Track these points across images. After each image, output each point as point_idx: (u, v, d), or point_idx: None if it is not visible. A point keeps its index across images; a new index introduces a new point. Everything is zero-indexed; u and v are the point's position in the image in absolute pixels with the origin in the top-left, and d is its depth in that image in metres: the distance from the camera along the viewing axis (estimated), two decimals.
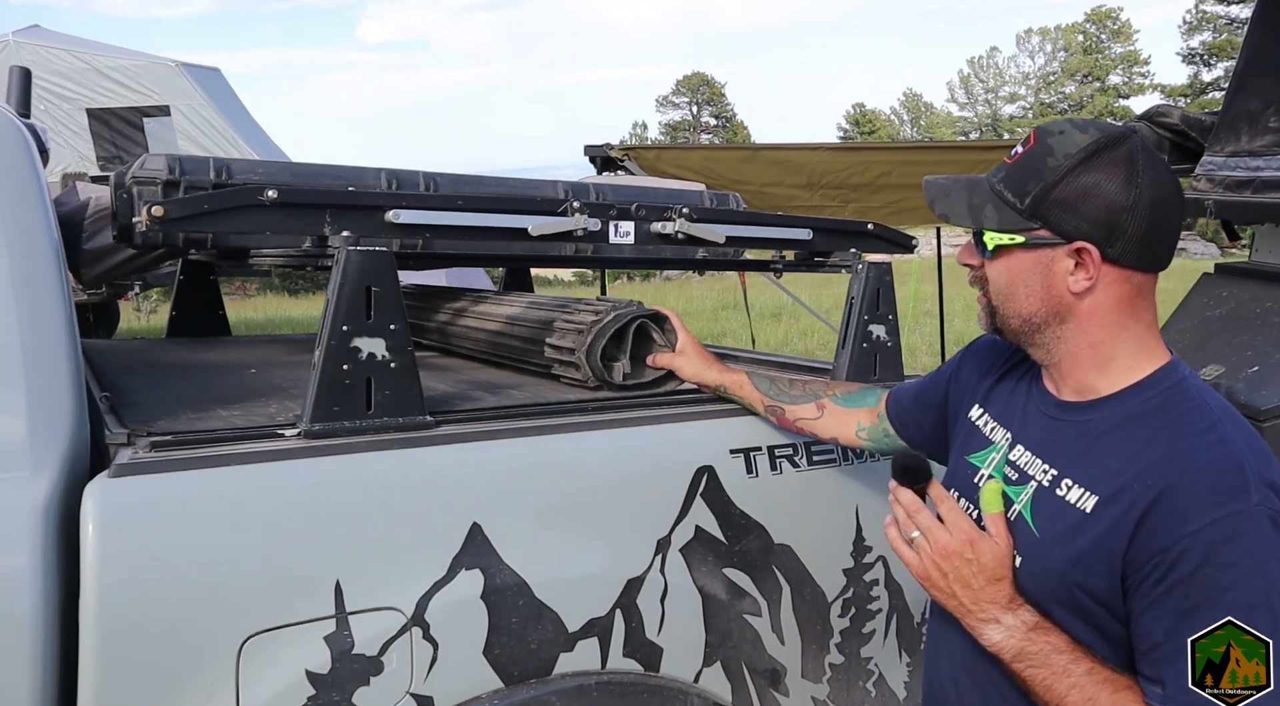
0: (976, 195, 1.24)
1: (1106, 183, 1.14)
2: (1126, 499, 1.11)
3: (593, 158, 4.52)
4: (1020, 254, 1.20)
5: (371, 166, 1.95)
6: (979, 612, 1.20)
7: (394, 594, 1.36)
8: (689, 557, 1.63)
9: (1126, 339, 1.19)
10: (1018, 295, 1.22)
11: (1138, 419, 1.16)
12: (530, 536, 1.49)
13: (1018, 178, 1.20)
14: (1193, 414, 1.13)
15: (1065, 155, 1.16)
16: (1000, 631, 1.18)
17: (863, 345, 1.96)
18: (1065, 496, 1.18)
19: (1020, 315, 1.23)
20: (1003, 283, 1.23)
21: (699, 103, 57.46)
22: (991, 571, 1.20)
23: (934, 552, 1.22)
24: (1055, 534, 1.18)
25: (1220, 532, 1.04)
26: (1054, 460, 1.22)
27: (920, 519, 1.24)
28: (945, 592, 1.23)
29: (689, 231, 1.81)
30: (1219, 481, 1.07)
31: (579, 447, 1.58)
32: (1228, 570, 1.04)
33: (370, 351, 1.44)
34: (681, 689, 1.61)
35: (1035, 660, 1.15)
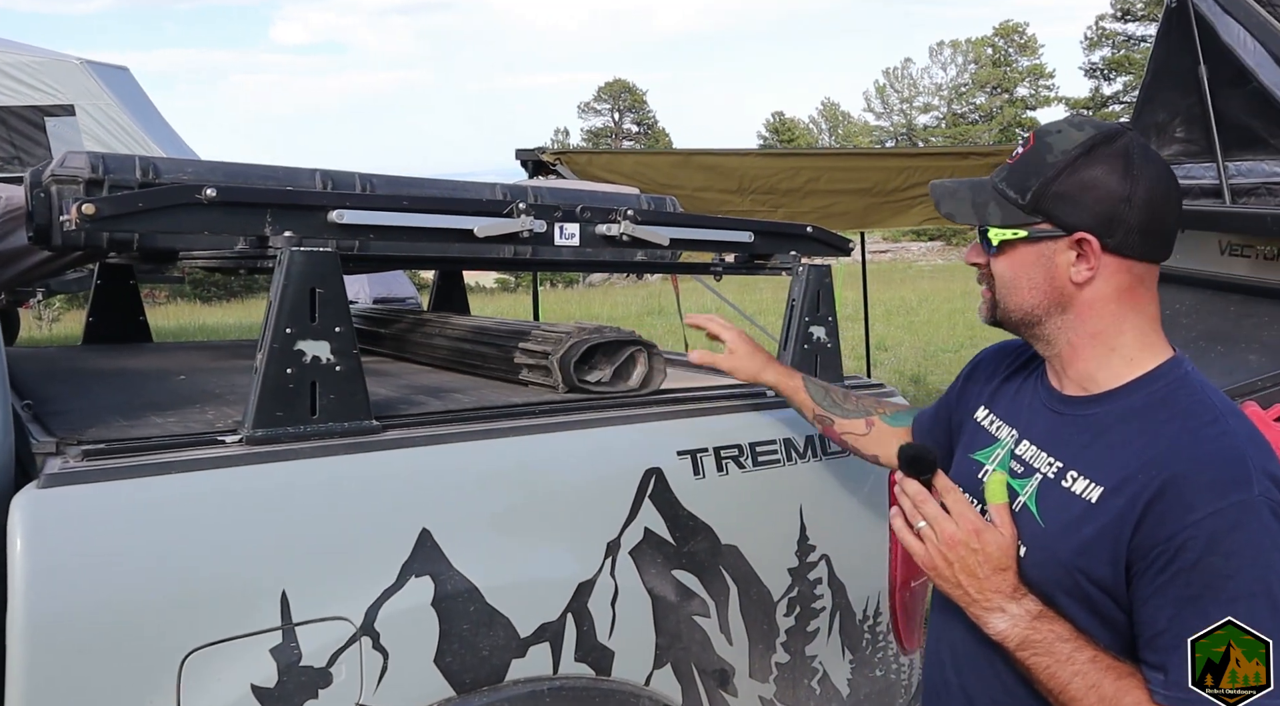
0: (980, 194, 1.28)
1: (1104, 176, 1.18)
2: (1131, 489, 1.13)
3: (524, 162, 4.50)
4: (1023, 248, 1.24)
5: (305, 167, 1.90)
6: (984, 602, 1.21)
7: (342, 603, 1.33)
8: (638, 560, 1.62)
9: (1127, 330, 1.22)
10: (1021, 288, 1.25)
11: (1142, 412, 1.19)
12: (480, 541, 1.47)
13: (1019, 176, 1.24)
14: (1196, 407, 1.16)
15: (1063, 151, 1.20)
16: (1005, 620, 1.19)
17: (804, 347, 1.99)
18: (1070, 488, 1.21)
19: (1022, 307, 1.26)
20: (1007, 276, 1.26)
21: (621, 109, 57.64)
22: (997, 561, 1.21)
23: (940, 542, 1.23)
24: (1060, 524, 1.20)
25: (1223, 522, 1.07)
26: (1059, 453, 1.25)
27: (926, 509, 1.25)
28: (950, 582, 1.23)
29: (634, 233, 1.80)
30: (1221, 472, 1.09)
31: (528, 451, 1.56)
32: (1230, 559, 1.06)
33: (315, 354, 1.40)
34: (633, 692, 1.60)
35: (1039, 648, 1.17)
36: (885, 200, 4.97)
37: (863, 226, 5.18)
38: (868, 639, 2.06)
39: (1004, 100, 55.15)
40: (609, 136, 56.61)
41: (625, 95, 57.55)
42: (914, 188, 4.96)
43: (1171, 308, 3.66)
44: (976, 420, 1.43)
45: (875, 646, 2.08)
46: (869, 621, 2.05)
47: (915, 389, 9.96)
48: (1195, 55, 3.42)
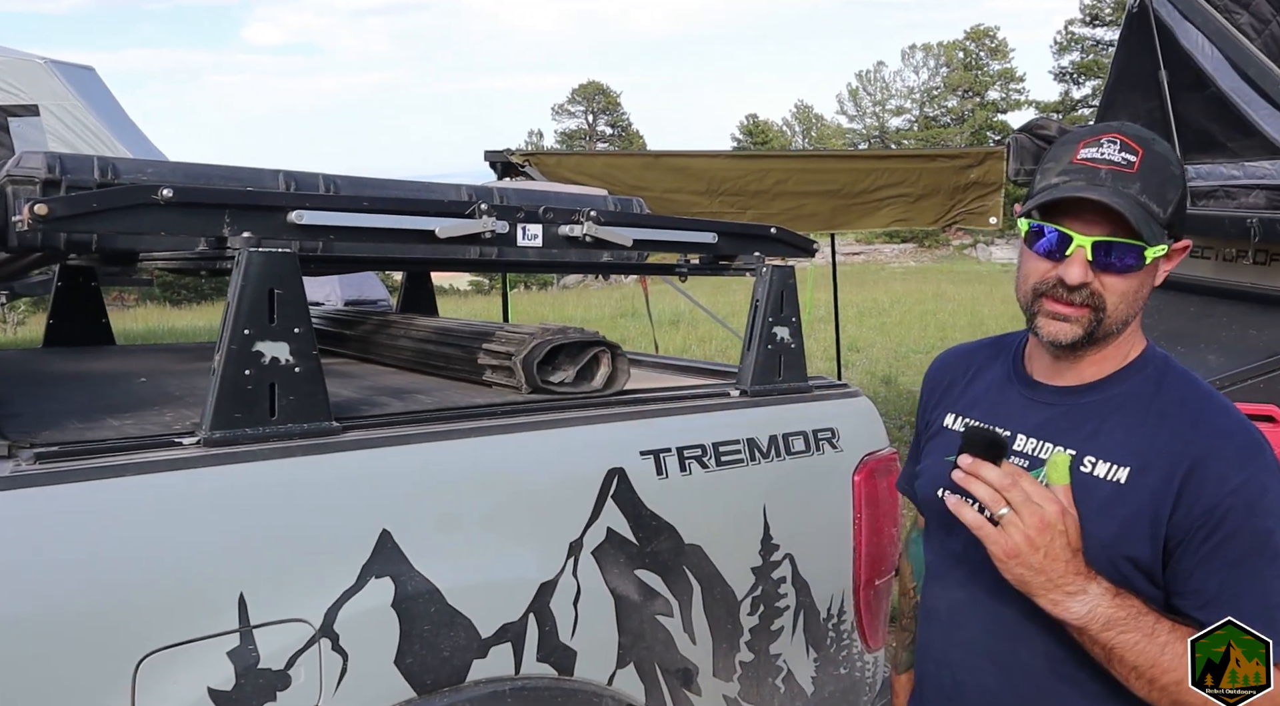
0: (1136, 210, 1.19)
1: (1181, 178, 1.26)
2: (1161, 467, 1.18)
3: (493, 163, 4.49)
4: (1153, 263, 1.22)
5: (269, 168, 1.89)
6: (1067, 585, 1.16)
7: (301, 605, 1.32)
8: (601, 560, 1.63)
9: (1135, 323, 1.28)
10: (1138, 300, 1.23)
11: (1142, 396, 1.25)
12: (441, 542, 1.47)
13: (1155, 188, 1.20)
14: (1192, 387, 1.25)
15: (1178, 163, 1.24)
16: (1087, 602, 1.16)
17: (768, 347, 2.00)
18: (1092, 472, 1.22)
19: (1127, 319, 1.24)
20: (1131, 292, 1.22)
21: (594, 111, 57.61)
22: (1075, 542, 1.18)
23: (1028, 527, 1.16)
24: (1091, 509, 1.20)
25: (1255, 487, 1.15)
26: (1066, 441, 1.26)
27: (1014, 494, 1.17)
28: (1034, 568, 1.17)
29: (597, 234, 1.81)
30: (1242, 442, 1.18)
31: (490, 451, 1.56)
32: (1267, 517, 1.15)
33: (274, 355, 1.40)
34: (595, 691, 1.60)
35: (1126, 624, 1.15)
36: (853, 202, 5.00)
37: (831, 228, 5.21)
38: (832, 637, 2.07)
39: (975, 103, 55.66)
40: (583, 138, 56.57)
41: (599, 97, 57.54)
42: (882, 190, 5.00)
43: None
44: (947, 426, 1.43)
45: (839, 644, 2.09)
46: (833, 620, 2.07)
47: (886, 390, 10.03)
48: (1155, 60, 3.47)
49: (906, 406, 8.95)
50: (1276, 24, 3.02)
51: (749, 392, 1.97)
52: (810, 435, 2.00)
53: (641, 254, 2.28)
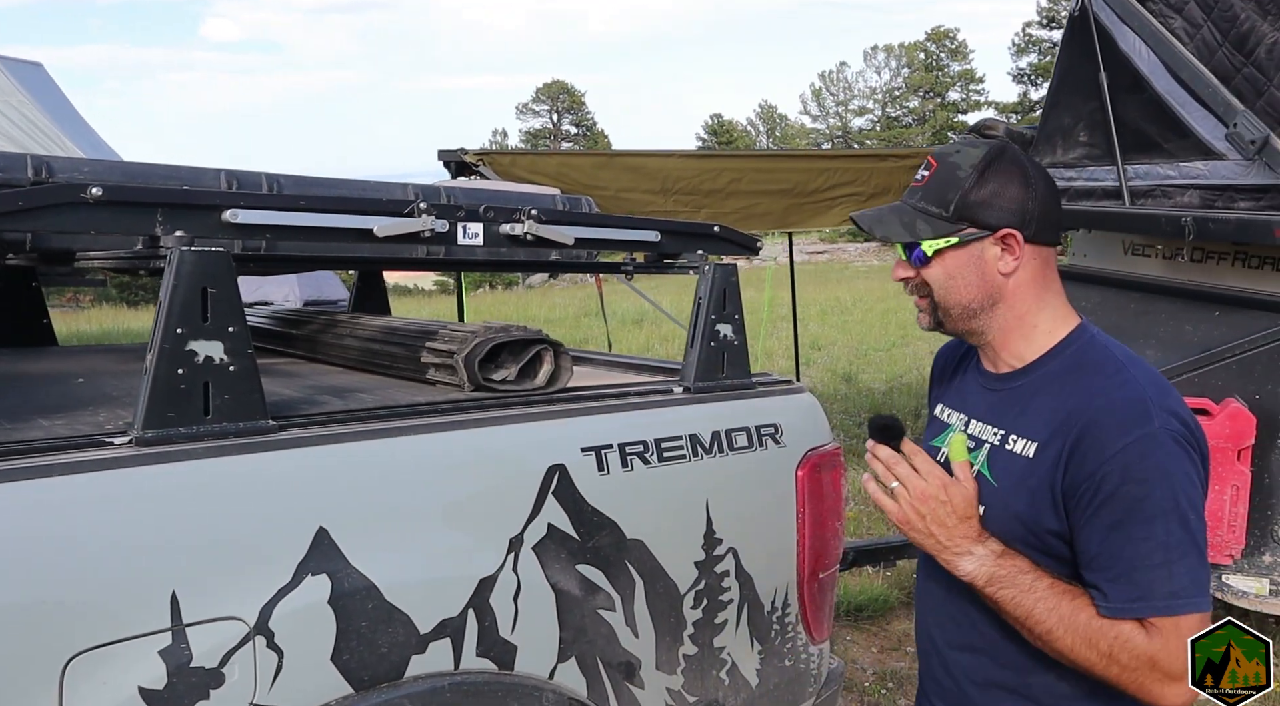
0: (904, 215, 1.43)
1: (1010, 180, 1.38)
2: (1058, 441, 1.31)
3: (447, 163, 4.47)
4: (954, 253, 1.40)
5: (211, 167, 1.88)
6: (954, 547, 1.36)
7: (235, 603, 1.32)
8: (542, 555, 1.64)
9: (1044, 308, 1.41)
10: (957, 288, 1.41)
11: (1061, 374, 1.37)
12: (379, 539, 1.47)
13: (935, 193, 1.41)
14: (1102, 362, 1.36)
15: (971, 166, 1.38)
16: (973, 561, 1.35)
17: (710, 344, 2.02)
18: (1012, 449, 1.39)
19: (961, 304, 1.41)
20: (942, 280, 1.42)
21: (559, 111, 57.51)
22: (962, 510, 1.37)
23: (913, 498, 1.38)
24: (1009, 482, 1.37)
25: (1132, 454, 1.25)
26: (1000, 422, 1.43)
27: (899, 469, 1.40)
28: (923, 533, 1.39)
29: (538, 233, 1.82)
30: (1127, 412, 1.28)
31: (428, 449, 1.57)
32: (1141, 484, 1.25)
33: (208, 354, 1.40)
34: (536, 685, 1.62)
35: (1005, 582, 1.32)
36: (806, 201, 5.05)
37: (784, 227, 5.26)
38: (776, 630, 2.10)
39: (936, 104, 56.29)
40: (547, 138, 56.45)
41: (563, 96, 57.46)
42: (834, 188, 5.06)
43: (1078, 305, 3.78)
44: (935, 415, 1.61)
45: (784, 637, 2.12)
46: (777, 612, 2.10)
47: (847, 387, 10.13)
48: (1096, 63, 3.54)
49: (866, 403, 9.05)
50: (1208, 28, 3.10)
51: (692, 389, 1.99)
52: (753, 430, 2.03)
53: (591, 253, 2.30)
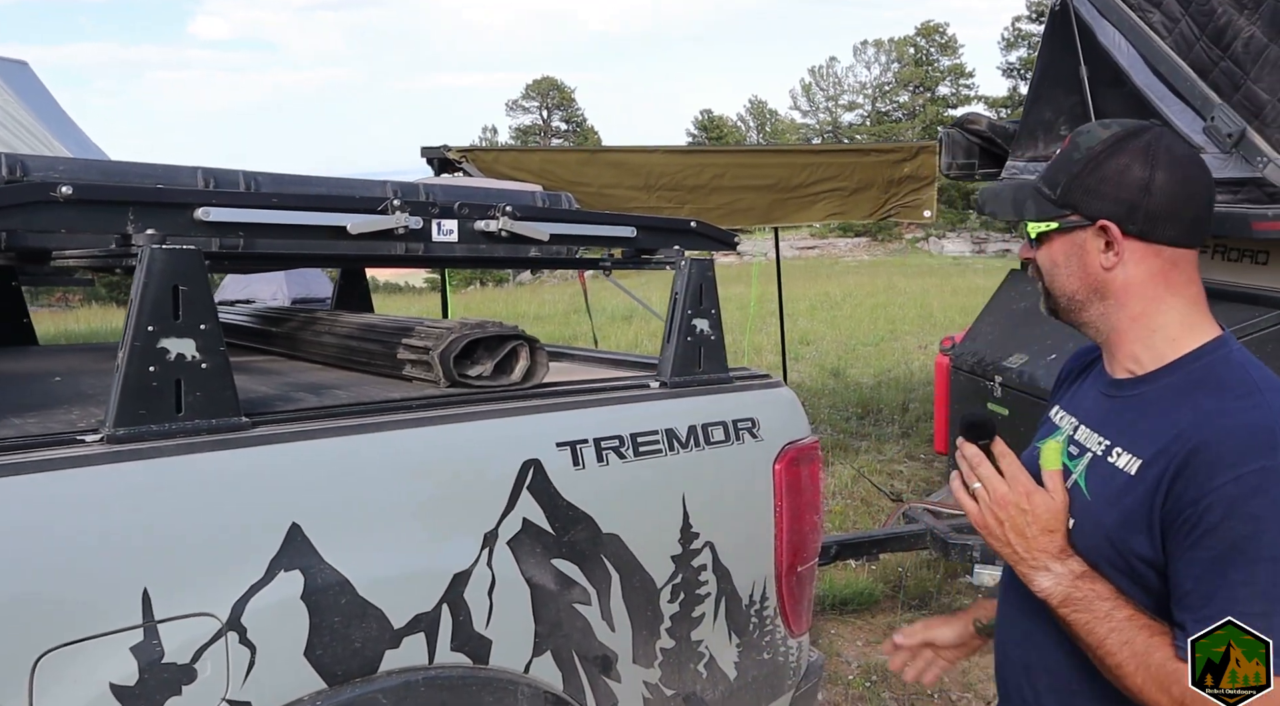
0: (1020, 193, 1.38)
1: (1125, 167, 1.27)
2: (1163, 461, 1.20)
3: (430, 160, 4.47)
4: (1058, 238, 1.33)
5: (188, 165, 1.88)
6: (1031, 560, 1.28)
7: (208, 599, 1.33)
8: (516, 550, 1.65)
9: (1166, 311, 1.29)
10: (1060, 275, 1.34)
11: (1182, 389, 1.25)
12: (353, 535, 1.48)
13: (1052, 172, 1.34)
14: (1233, 382, 1.23)
15: (1089, 147, 1.30)
16: (1050, 578, 1.26)
17: (687, 339, 2.04)
18: (1115, 462, 1.28)
19: (1065, 293, 1.34)
20: (1047, 266, 1.35)
21: (549, 107, 57.45)
22: (1045, 522, 1.28)
23: (992, 502, 1.31)
24: (1105, 497, 1.27)
25: (1245, 486, 1.12)
26: (1107, 432, 1.33)
27: (981, 470, 1.32)
28: (1000, 540, 1.31)
29: (513, 229, 1.83)
30: (1246, 441, 1.14)
31: (401, 445, 1.58)
32: (1250, 522, 1.11)
33: (179, 352, 1.40)
34: (511, 680, 1.63)
35: (1080, 605, 1.23)
36: (790, 196, 5.07)
37: (767, 222, 5.28)
38: (754, 623, 2.11)
39: (926, 98, 56.35)
40: (537, 135, 56.38)
41: (553, 93, 57.39)
42: (818, 184, 5.07)
43: None
44: (1049, 416, 1.52)
45: (763, 630, 2.14)
46: (755, 605, 2.11)
47: (835, 382, 10.15)
48: (1077, 57, 3.56)
49: (854, 398, 9.08)
50: (1186, 22, 3.12)
51: (668, 384, 2.00)
52: (730, 425, 2.04)
53: (572, 249, 2.31)
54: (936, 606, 4.51)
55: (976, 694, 3.74)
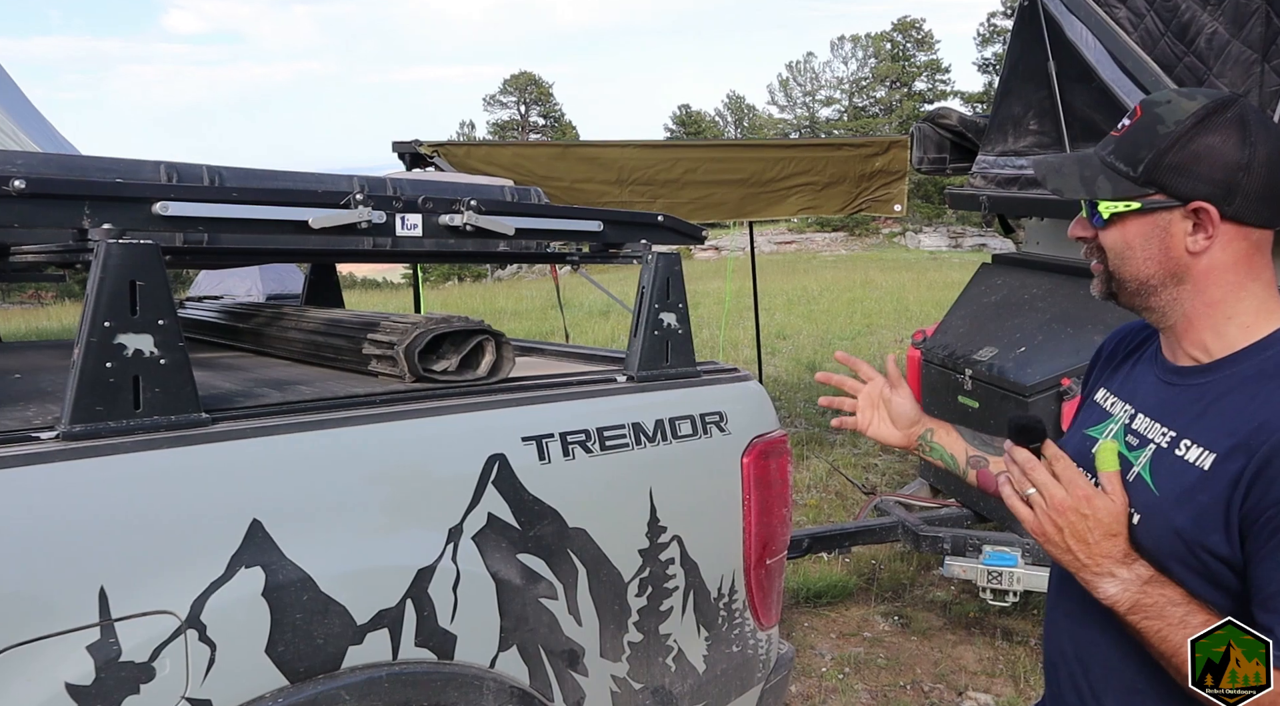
0: (1088, 168, 1.28)
1: (1220, 144, 1.18)
2: (1243, 455, 1.13)
3: (402, 155, 4.45)
4: (1136, 219, 1.23)
5: (150, 159, 1.86)
6: (1094, 567, 1.21)
7: (166, 597, 1.32)
8: (482, 545, 1.65)
9: (1246, 298, 1.22)
10: (1135, 259, 1.24)
11: (1257, 379, 1.18)
12: (315, 531, 1.47)
13: (1129, 147, 1.24)
14: None
15: (1176, 121, 1.20)
16: (1116, 584, 1.20)
17: (654, 333, 2.04)
18: (1184, 456, 1.21)
19: (1138, 278, 1.25)
20: (1119, 248, 1.25)
21: (527, 102, 57.26)
22: (1107, 526, 1.21)
23: (1049, 508, 1.22)
24: (1175, 493, 1.20)
25: None
26: (1172, 422, 1.25)
27: (1036, 475, 1.24)
28: (1060, 547, 1.23)
29: (477, 223, 1.82)
30: None
31: (364, 440, 1.57)
32: None
33: (137, 348, 1.38)
34: (477, 675, 1.63)
35: (1150, 612, 1.17)
36: (762, 190, 5.09)
37: (739, 216, 5.29)
38: (723, 616, 2.12)
39: (903, 94, 56.61)
40: (515, 129, 56.19)
41: (531, 88, 57.20)
42: (789, 178, 5.09)
43: (1030, 292, 3.85)
44: (1095, 400, 1.45)
45: (732, 623, 2.14)
46: (724, 599, 2.12)
47: (810, 376, 10.19)
48: (1045, 52, 3.59)
49: (829, 392, 9.12)
50: (1151, 18, 3.15)
51: (635, 378, 2.00)
52: (698, 418, 2.04)
53: (542, 243, 2.31)
54: (910, 598, 4.54)
55: (949, 684, 3.77)
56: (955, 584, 4.45)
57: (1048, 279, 3.80)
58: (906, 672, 3.87)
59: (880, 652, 4.03)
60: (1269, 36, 2.75)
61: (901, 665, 3.93)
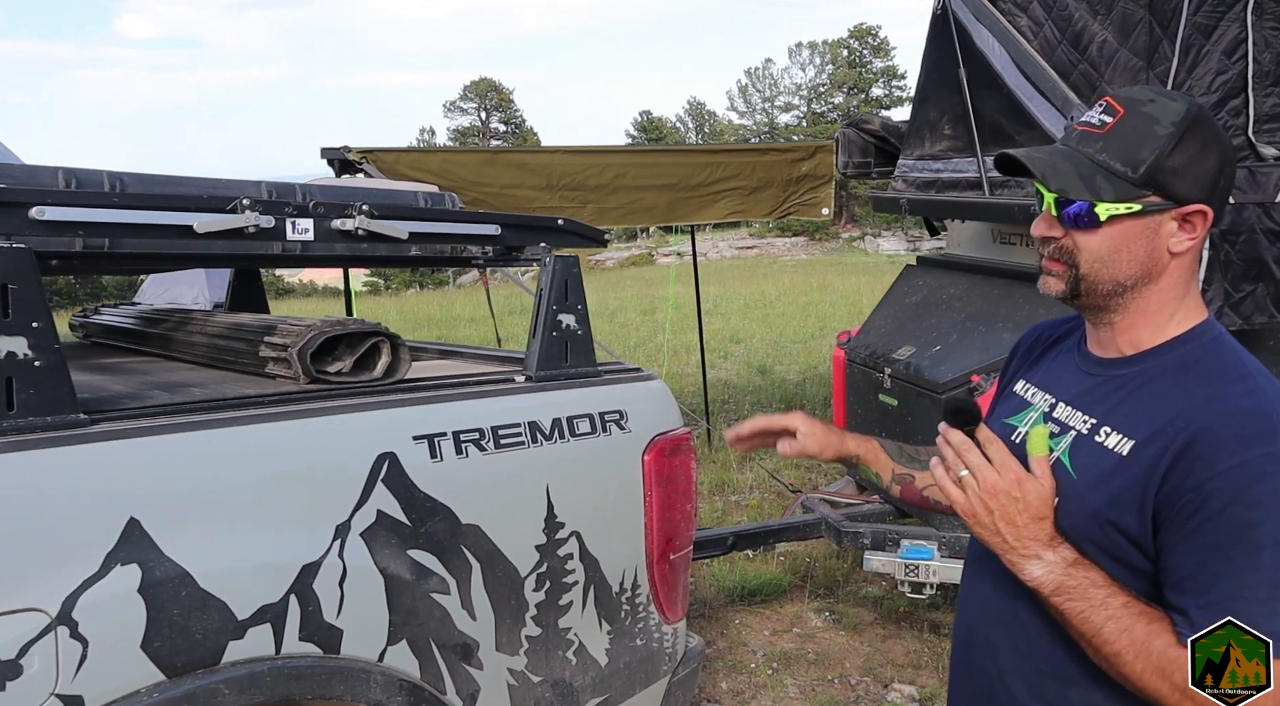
0: (1083, 167, 1.24)
1: (1210, 147, 1.21)
2: (1161, 442, 1.17)
3: (331, 161, 4.47)
4: (1130, 222, 1.22)
5: (51, 166, 1.88)
6: (1021, 549, 1.23)
7: (35, 594, 1.34)
8: (370, 541, 1.68)
9: (1186, 294, 1.27)
10: (1119, 261, 1.24)
11: (1176, 370, 1.23)
12: (195, 528, 1.50)
13: (1124, 147, 1.22)
14: (1226, 367, 1.21)
15: (1173, 122, 1.20)
16: (1041, 566, 1.22)
17: (553, 334, 2.08)
18: (1104, 442, 1.25)
19: (1115, 279, 1.25)
20: (1105, 250, 1.24)
21: (487, 108, 57.14)
22: (1036, 509, 1.24)
23: (981, 490, 1.25)
24: (1092, 477, 1.24)
25: (1249, 473, 1.11)
26: (1093, 410, 1.29)
27: (970, 458, 1.26)
28: (989, 529, 1.25)
29: (369, 228, 1.86)
30: (1247, 427, 1.13)
31: (250, 439, 1.60)
32: (1255, 509, 1.10)
33: (10, 350, 1.41)
34: (364, 668, 1.66)
35: (1074, 593, 1.20)
36: (690, 195, 5.17)
37: (669, 220, 5.37)
38: (626, 610, 2.17)
39: (860, 99, 57.19)
40: (476, 136, 56.02)
41: (492, 94, 57.07)
42: (717, 183, 5.18)
43: (948, 292, 3.95)
44: (1014, 391, 1.48)
45: (635, 617, 2.19)
46: (627, 593, 2.16)
47: (761, 379, 10.29)
48: (956, 59, 3.69)
49: (778, 395, 9.22)
50: (1049, 27, 3.26)
51: (534, 378, 2.04)
52: (596, 417, 2.09)
53: (457, 247, 2.34)
54: (842, 594, 4.62)
55: (876, 677, 3.85)
56: (887, 580, 4.53)
57: (965, 279, 3.91)
58: (835, 667, 3.95)
59: (811, 648, 4.11)
60: (1152, 45, 2.87)
61: (831, 659, 4.00)
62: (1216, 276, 2.76)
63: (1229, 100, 2.90)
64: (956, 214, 3.94)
